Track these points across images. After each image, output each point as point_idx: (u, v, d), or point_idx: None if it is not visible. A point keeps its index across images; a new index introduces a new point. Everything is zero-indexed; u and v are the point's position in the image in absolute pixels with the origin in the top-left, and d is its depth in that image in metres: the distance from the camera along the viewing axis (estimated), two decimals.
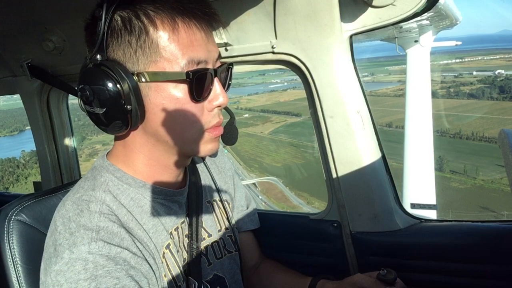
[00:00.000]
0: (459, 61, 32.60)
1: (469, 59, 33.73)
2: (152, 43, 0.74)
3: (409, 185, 9.77)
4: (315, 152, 25.80)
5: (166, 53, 0.74)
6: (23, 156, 25.54)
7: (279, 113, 37.95)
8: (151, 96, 0.76)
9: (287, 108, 37.82)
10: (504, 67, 31.43)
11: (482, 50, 34.46)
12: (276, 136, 33.36)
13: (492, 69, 30.69)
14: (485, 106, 27.90)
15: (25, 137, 28.01)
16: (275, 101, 40.52)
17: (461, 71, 31.80)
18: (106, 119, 0.76)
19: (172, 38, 0.74)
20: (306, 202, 22.97)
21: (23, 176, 23.95)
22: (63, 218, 0.76)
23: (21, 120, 29.01)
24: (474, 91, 29.52)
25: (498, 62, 33.39)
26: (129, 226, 0.78)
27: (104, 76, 0.73)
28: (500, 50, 34.59)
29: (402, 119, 27.64)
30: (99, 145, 26.34)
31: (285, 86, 41.87)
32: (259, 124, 35.39)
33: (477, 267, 1.12)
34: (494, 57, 33.79)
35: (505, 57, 33.43)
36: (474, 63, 33.42)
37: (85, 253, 0.69)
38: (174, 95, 0.76)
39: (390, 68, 38.08)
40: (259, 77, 44.12)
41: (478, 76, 31.04)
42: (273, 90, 44.45)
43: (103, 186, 0.81)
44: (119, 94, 0.73)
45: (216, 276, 0.98)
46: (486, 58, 33.84)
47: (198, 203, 0.98)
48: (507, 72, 29.96)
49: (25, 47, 1.62)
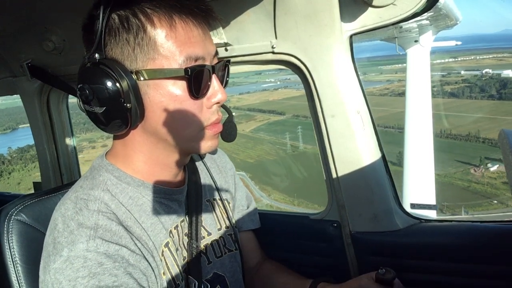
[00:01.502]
0: (452, 61, 32.76)
1: (462, 58, 33.96)
2: (150, 41, 0.74)
3: (409, 185, 9.77)
4: (288, 149, 25.63)
5: (164, 51, 0.74)
6: (10, 153, 26.18)
7: (264, 112, 38.38)
8: (150, 94, 0.76)
9: (273, 107, 38.33)
10: (495, 66, 31.79)
11: (476, 49, 34.72)
12: (256, 133, 33.67)
13: (483, 68, 31.03)
14: (462, 105, 28.21)
15: (17, 135, 28.69)
16: (264, 100, 40.86)
17: (451, 70, 32.06)
18: (105, 118, 0.76)
19: (170, 35, 0.74)
20: (267, 195, 23.89)
21: (7, 172, 24.77)
22: (62, 216, 0.76)
23: (15, 119, 29.46)
24: (455, 90, 29.81)
25: (489, 61, 33.75)
26: (128, 225, 0.78)
27: (103, 75, 0.73)
28: (494, 49, 34.86)
29: (382, 117, 27.64)
30: (86, 142, 26.97)
31: (277, 85, 41.97)
32: (243, 122, 35.54)
33: (477, 267, 1.12)
34: (487, 56, 34.07)
35: (497, 57, 33.79)
36: (466, 62, 33.68)
37: (83, 251, 0.70)
38: (173, 93, 0.76)
39: (383, 67, 38.21)
40: (255, 76, 44.39)
41: (464, 76, 31.43)
42: (265, 89, 44.58)
43: (102, 185, 0.81)
44: (118, 92, 0.73)
45: (216, 274, 0.98)
46: (478, 57, 34.10)
47: (198, 202, 0.98)
48: (494, 71, 30.35)
49: (25, 47, 1.62)
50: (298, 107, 33.32)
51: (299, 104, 34.21)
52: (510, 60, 32.83)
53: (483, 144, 23.66)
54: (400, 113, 17.13)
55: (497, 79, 29.50)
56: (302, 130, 28.38)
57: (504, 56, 33.69)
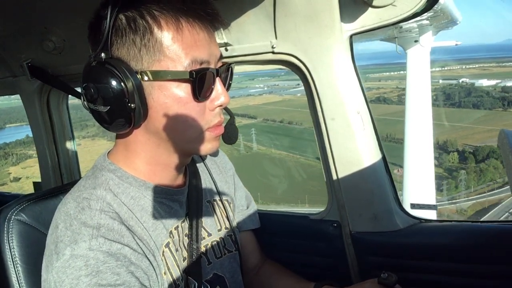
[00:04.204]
0: (438, 70, 33.33)
1: (448, 68, 34.73)
2: (156, 42, 0.74)
3: (409, 185, 9.78)
4: (242, 150, 26.93)
5: (170, 53, 0.75)
6: None
7: (237, 115, 39.04)
8: (154, 95, 0.77)
9: (249, 111, 39.06)
10: (478, 76, 33.09)
11: (464, 59, 35.85)
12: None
13: (469, 77, 32.12)
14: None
15: (2, 134, 30.15)
16: (244, 105, 41.24)
17: (432, 79, 33.10)
18: (109, 117, 0.77)
19: (176, 37, 0.75)
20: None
21: None
22: (64, 215, 0.76)
23: (3, 119, 30.21)
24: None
25: (474, 71, 35.00)
26: (130, 224, 0.79)
27: (109, 74, 0.74)
28: (478, 59, 35.95)
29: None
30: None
31: (263, 90, 42.08)
32: None
33: (477, 267, 1.12)
34: (473, 66, 34.97)
35: (483, 66, 34.95)
36: (451, 72, 34.53)
37: (86, 250, 0.70)
38: (177, 94, 0.77)
39: (370, 75, 39.12)
40: (247, 82, 44.62)
41: (440, 84, 32.47)
42: (250, 94, 44.80)
43: (104, 184, 0.82)
44: (123, 92, 0.74)
45: (216, 275, 0.98)
46: (464, 67, 34.94)
47: (198, 203, 0.98)
48: (471, 81, 31.72)
49: (25, 47, 1.62)
50: (272, 112, 35.01)
51: (275, 109, 36.06)
52: (493, 70, 34.14)
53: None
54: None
55: (468, 88, 30.86)
56: (256, 132, 30.54)
57: (491, 66, 34.79)
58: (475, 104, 29.77)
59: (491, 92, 30.28)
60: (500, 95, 29.74)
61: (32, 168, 24.14)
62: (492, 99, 29.81)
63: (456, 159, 26.48)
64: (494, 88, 30.46)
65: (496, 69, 34.43)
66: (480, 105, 29.63)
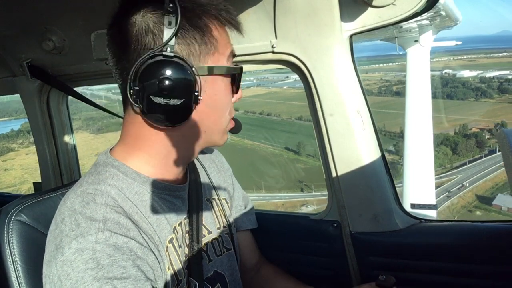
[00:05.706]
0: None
1: (436, 59, 35.02)
2: (212, 39, 0.81)
3: (409, 185, 9.77)
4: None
5: (221, 49, 0.83)
6: None
7: None
8: (206, 88, 0.81)
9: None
10: (463, 67, 33.03)
11: (453, 51, 36.05)
12: None
13: (455, 69, 32.09)
14: (398, 104, 29.20)
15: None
16: None
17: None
18: (181, 110, 0.78)
19: (222, 36, 0.84)
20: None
21: None
22: (69, 211, 0.76)
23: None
24: (400, 89, 30.57)
25: (461, 62, 35.00)
26: (135, 218, 0.79)
27: (183, 68, 0.76)
28: (467, 51, 36.05)
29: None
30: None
31: (252, 83, 41.84)
32: None
33: (477, 267, 1.12)
34: (461, 57, 35.19)
35: (469, 57, 35.14)
36: (440, 63, 34.70)
37: (92, 243, 0.70)
38: (224, 88, 0.85)
39: (359, 67, 39.57)
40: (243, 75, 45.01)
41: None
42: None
43: (109, 180, 0.82)
44: (192, 86, 0.77)
45: (216, 273, 0.98)
46: (452, 58, 35.11)
47: (199, 200, 0.99)
48: (453, 72, 31.60)
49: (25, 47, 1.62)
50: (255, 104, 34.81)
51: (259, 101, 35.93)
52: (479, 61, 34.13)
53: (384, 137, 24.53)
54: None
55: (447, 79, 30.59)
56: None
57: (479, 57, 34.87)
58: (449, 95, 29.72)
59: (468, 83, 30.34)
60: (475, 85, 29.84)
61: (13, 160, 24.07)
62: (466, 89, 29.93)
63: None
64: (473, 79, 30.51)
65: (482, 60, 34.49)
66: (454, 95, 29.70)
